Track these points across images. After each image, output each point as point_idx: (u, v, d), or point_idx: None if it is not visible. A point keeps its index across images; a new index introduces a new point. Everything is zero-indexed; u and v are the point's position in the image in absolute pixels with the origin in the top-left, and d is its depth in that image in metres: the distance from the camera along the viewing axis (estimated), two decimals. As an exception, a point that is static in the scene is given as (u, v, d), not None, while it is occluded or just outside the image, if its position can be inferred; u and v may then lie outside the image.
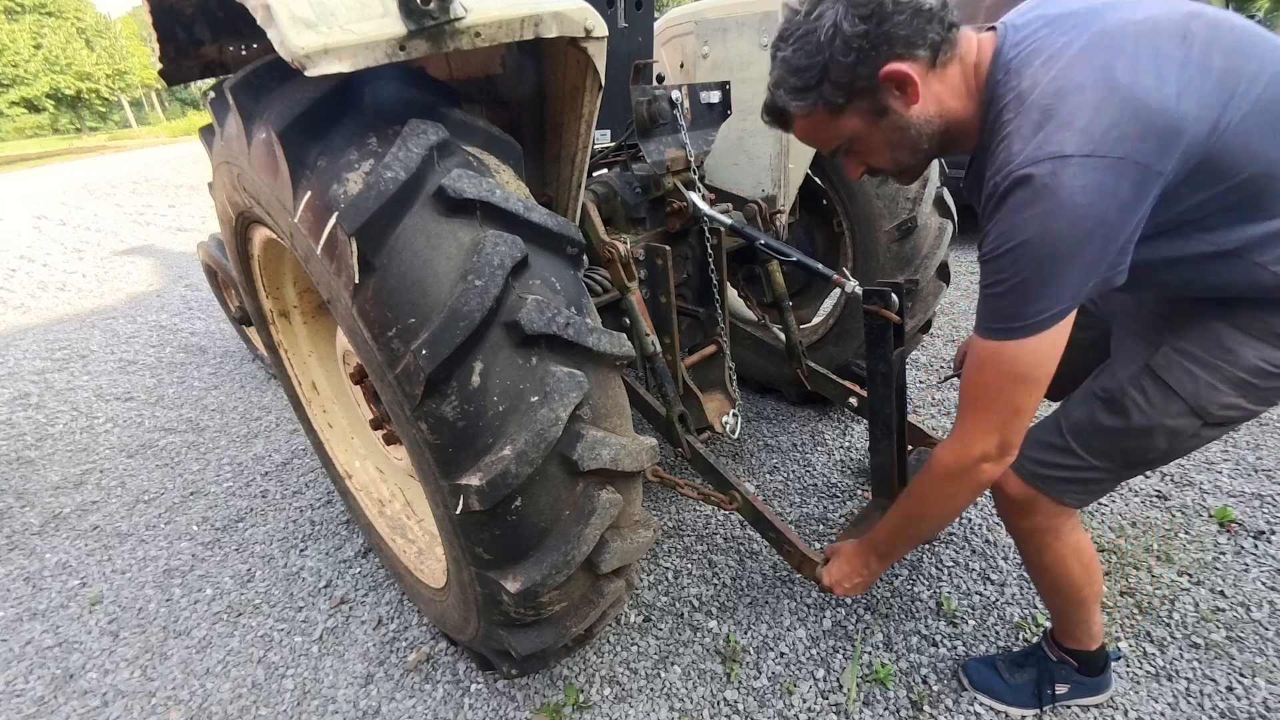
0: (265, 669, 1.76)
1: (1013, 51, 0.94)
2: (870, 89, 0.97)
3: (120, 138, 31.72)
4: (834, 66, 0.95)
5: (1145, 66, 0.83)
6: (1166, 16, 0.86)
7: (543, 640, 1.27)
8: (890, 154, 1.07)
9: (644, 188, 1.96)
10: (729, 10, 2.22)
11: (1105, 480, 1.19)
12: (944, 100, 0.99)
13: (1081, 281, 0.88)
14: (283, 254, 1.69)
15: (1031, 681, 1.46)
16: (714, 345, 2.07)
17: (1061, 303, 0.89)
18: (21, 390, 3.68)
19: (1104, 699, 1.48)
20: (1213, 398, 1.03)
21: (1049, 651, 1.47)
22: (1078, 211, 0.82)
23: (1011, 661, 1.51)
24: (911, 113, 0.99)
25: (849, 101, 0.99)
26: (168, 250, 7.03)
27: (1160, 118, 0.81)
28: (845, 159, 1.14)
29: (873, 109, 1.00)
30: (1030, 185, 0.84)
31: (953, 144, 1.05)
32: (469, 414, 1.01)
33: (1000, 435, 1.02)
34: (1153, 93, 0.81)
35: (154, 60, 1.38)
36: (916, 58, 0.94)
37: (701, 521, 2.19)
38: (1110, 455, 1.14)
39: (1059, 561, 1.29)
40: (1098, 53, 0.85)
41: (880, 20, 0.91)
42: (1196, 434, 1.07)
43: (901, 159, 1.08)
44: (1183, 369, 1.04)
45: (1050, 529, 1.26)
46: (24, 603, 2.07)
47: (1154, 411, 1.07)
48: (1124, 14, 0.87)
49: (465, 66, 1.45)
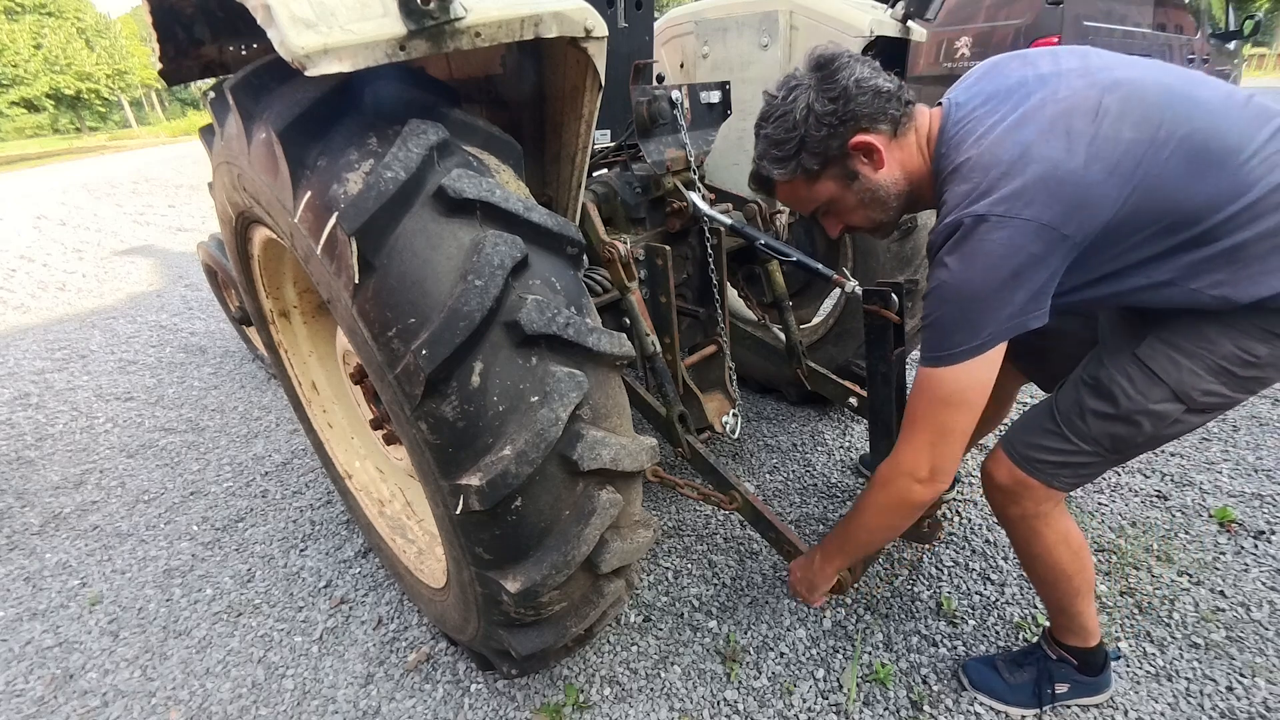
0: (265, 669, 1.76)
1: (954, 129, 1.10)
2: (842, 157, 1.15)
3: (120, 138, 31.71)
4: (809, 139, 1.13)
5: (1057, 143, 0.97)
6: (1084, 94, 1.00)
7: (543, 640, 1.27)
8: (863, 213, 1.23)
9: (644, 188, 1.96)
10: (729, 10, 2.22)
11: (1094, 464, 1.23)
12: (905, 165, 1.16)
13: (994, 322, 1.01)
14: (283, 254, 1.69)
15: (1031, 681, 1.47)
16: (714, 345, 2.07)
17: (978, 339, 1.02)
18: (21, 390, 3.68)
19: (1104, 698, 1.48)
20: (1194, 384, 1.09)
21: (1048, 650, 1.47)
22: (989, 262, 0.98)
23: (1011, 661, 1.52)
24: (879, 176, 1.16)
25: (824, 169, 1.17)
26: (168, 250, 7.03)
27: (1067, 187, 0.95)
28: (824, 219, 1.30)
29: (844, 174, 1.17)
30: (954, 239, 1.01)
31: (915, 203, 1.22)
32: (469, 414, 1.01)
33: (930, 455, 1.12)
34: (1062, 165, 0.95)
35: (154, 60, 1.38)
36: (880, 130, 1.13)
37: (701, 521, 2.19)
38: (1098, 440, 1.19)
39: (1049, 549, 1.32)
40: (1018, 130, 1.00)
41: (846, 100, 1.10)
42: (1180, 419, 1.13)
43: (874, 217, 1.23)
44: (1166, 356, 1.10)
45: (1040, 514, 1.29)
46: (24, 603, 2.07)
47: (1140, 397, 1.12)
48: (1046, 93, 1.02)
49: (465, 66, 1.45)
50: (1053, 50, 1.12)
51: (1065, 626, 1.44)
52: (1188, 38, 5.88)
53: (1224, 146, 0.97)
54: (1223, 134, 0.97)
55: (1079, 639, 1.43)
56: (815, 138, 1.13)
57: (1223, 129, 0.98)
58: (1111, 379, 1.15)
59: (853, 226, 1.28)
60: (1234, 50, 6.95)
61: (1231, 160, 0.97)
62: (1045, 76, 1.05)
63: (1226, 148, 0.97)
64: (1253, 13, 10.22)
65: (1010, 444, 1.30)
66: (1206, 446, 2.36)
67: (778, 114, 1.16)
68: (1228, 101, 1.01)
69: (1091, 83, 1.01)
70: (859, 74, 1.11)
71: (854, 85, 1.10)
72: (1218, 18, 6.78)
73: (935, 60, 5.04)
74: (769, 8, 2.10)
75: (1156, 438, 1.16)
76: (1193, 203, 0.98)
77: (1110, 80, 1.01)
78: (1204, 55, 6.19)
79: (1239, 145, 0.97)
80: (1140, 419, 1.14)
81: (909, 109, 1.15)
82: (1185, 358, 1.09)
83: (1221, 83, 1.06)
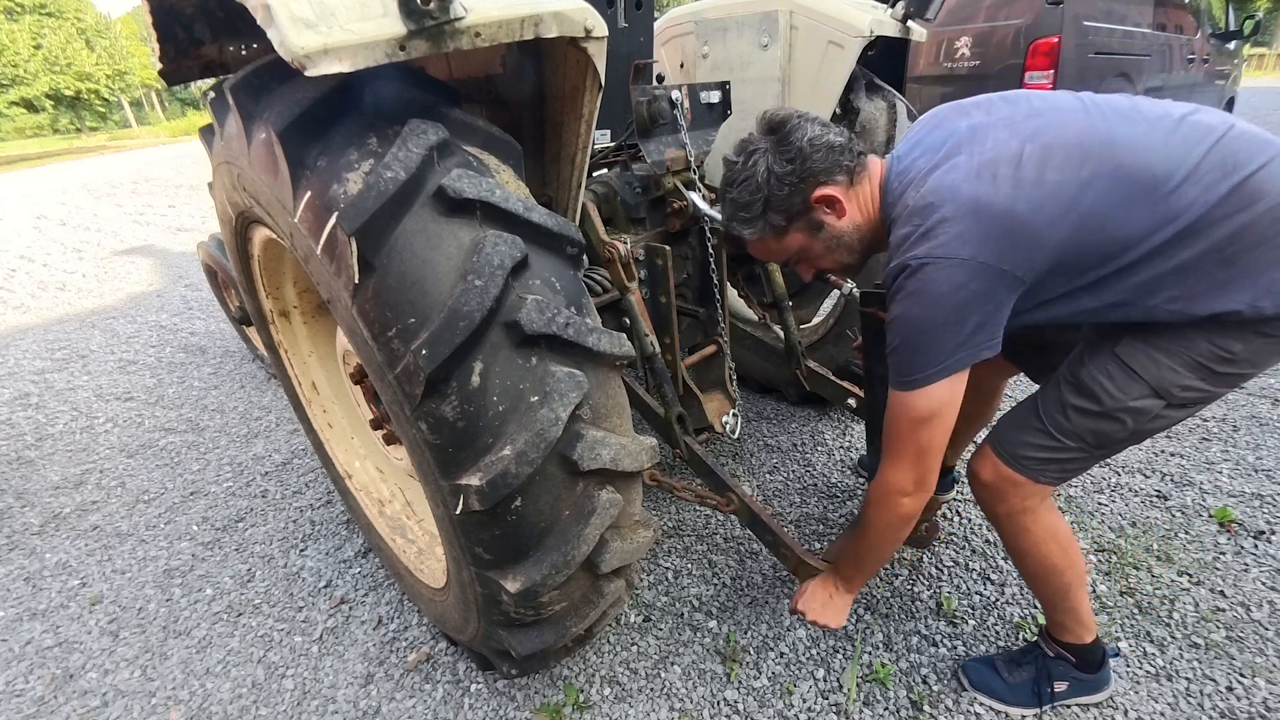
0: (265, 669, 1.76)
1: (895, 179, 1.19)
2: (806, 210, 1.23)
3: (120, 138, 31.70)
4: (774, 199, 1.21)
5: (984, 185, 1.04)
6: (1006, 144, 1.07)
7: (543, 640, 1.27)
8: (831, 257, 1.31)
9: (644, 188, 1.96)
10: (729, 10, 2.22)
11: (1078, 460, 1.25)
12: (864, 209, 1.24)
13: (946, 353, 1.08)
14: (283, 254, 1.69)
15: (1030, 680, 1.47)
16: (714, 345, 2.07)
17: (935, 366, 1.09)
18: (21, 390, 3.68)
19: (1104, 696, 1.48)
20: (1173, 380, 1.12)
21: (1046, 648, 1.48)
22: (933, 301, 1.06)
23: (1010, 661, 1.52)
24: (842, 224, 1.24)
25: (790, 223, 1.25)
26: (168, 250, 7.03)
27: (998, 224, 1.03)
28: (797, 266, 1.37)
29: (810, 226, 1.25)
30: (901, 279, 1.10)
31: (876, 244, 1.29)
32: (469, 414, 1.01)
33: (914, 471, 1.19)
34: (992, 204, 1.03)
35: (154, 60, 1.38)
36: (837, 181, 1.21)
37: (701, 522, 2.19)
38: (1082, 436, 1.22)
39: (1037, 544, 1.34)
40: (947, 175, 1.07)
41: (803, 160, 1.18)
42: (1160, 415, 1.16)
43: (841, 260, 1.31)
44: (1145, 354, 1.14)
45: (1027, 510, 1.32)
46: (24, 603, 2.07)
47: (1120, 394, 1.16)
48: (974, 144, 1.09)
49: (465, 66, 1.45)
50: (988, 99, 1.20)
51: (1060, 623, 1.45)
52: (1188, 38, 5.88)
53: (1151, 176, 1.02)
54: (1148, 165, 1.03)
55: (1074, 635, 1.44)
56: (779, 197, 1.21)
57: (1147, 161, 1.03)
58: (1092, 377, 1.18)
59: (824, 270, 1.37)
60: (1234, 50, 6.96)
61: (1161, 188, 1.02)
62: (975, 127, 1.12)
63: (1154, 177, 1.02)
64: (1253, 13, 10.24)
65: (996, 441, 1.32)
66: (1206, 446, 2.36)
67: (740, 179, 1.23)
68: (1153, 132, 1.06)
69: (1014, 133, 1.08)
70: (811, 133, 1.19)
71: (808, 144, 1.18)
72: (1218, 18, 6.79)
73: (935, 60, 5.03)
74: (769, 8, 2.10)
75: (1138, 432, 1.20)
76: (1127, 231, 1.04)
77: (1032, 130, 1.08)
78: (1204, 55, 6.19)
79: (1167, 173, 1.02)
80: (1122, 415, 1.17)
81: (861, 159, 1.23)
82: (1164, 355, 1.12)
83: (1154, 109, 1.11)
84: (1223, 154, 1.02)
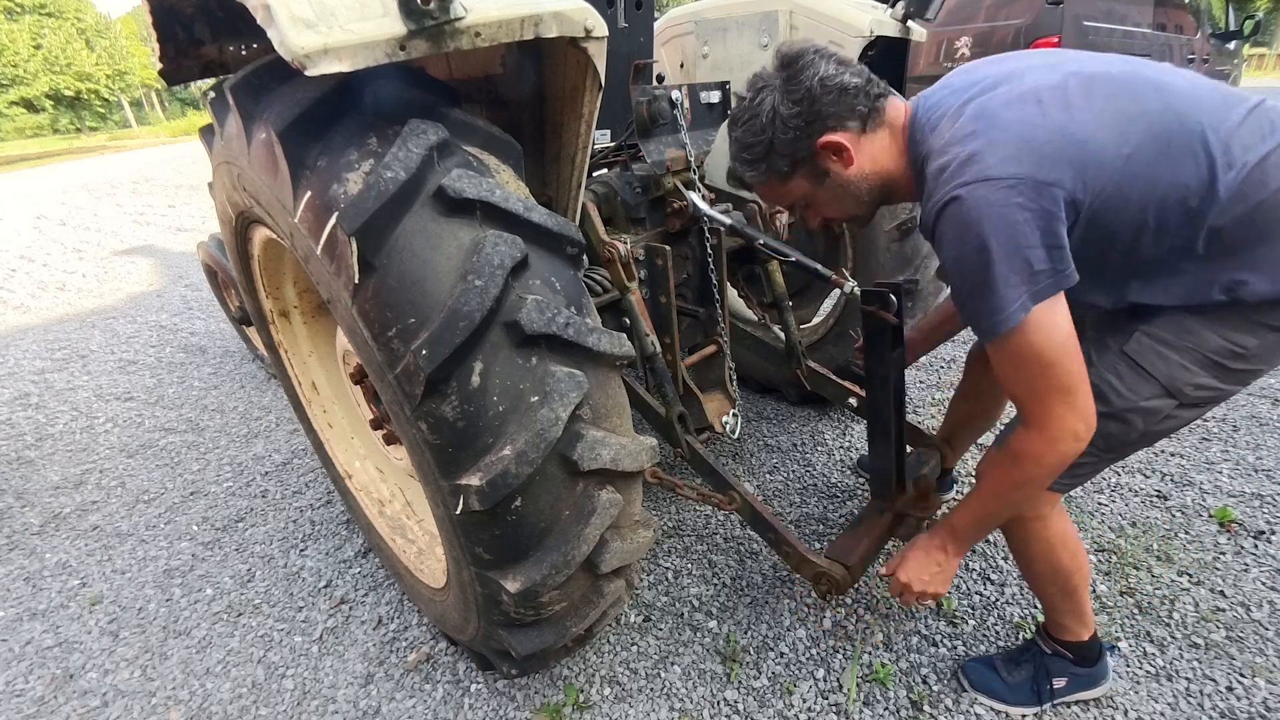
0: (265, 669, 1.76)
1: (925, 116, 1.11)
2: (810, 157, 1.16)
3: (120, 138, 31.70)
4: (778, 142, 1.14)
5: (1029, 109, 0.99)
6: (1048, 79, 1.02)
7: (543, 640, 1.27)
8: (838, 207, 1.25)
9: (644, 188, 1.96)
10: (729, 10, 2.22)
11: (1089, 464, 1.22)
12: (877, 159, 1.16)
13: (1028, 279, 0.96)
14: (283, 254, 1.69)
15: (1029, 678, 1.47)
16: (714, 345, 2.07)
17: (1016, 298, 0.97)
18: (21, 390, 3.68)
19: (1102, 691, 1.48)
20: (1185, 378, 1.09)
21: (1044, 646, 1.48)
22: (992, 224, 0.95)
23: (1008, 660, 1.52)
24: (849, 173, 1.16)
25: (794, 169, 1.18)
26: (168, 250, 7.03)
27: (1047, 145, 0.96)
28: (802, 212, 1.31)
29: (815, 173, 1.18)
30: (947, 214, 1.00)
31: (892, 195, 1.22)
32: (469, 414, 1.01)
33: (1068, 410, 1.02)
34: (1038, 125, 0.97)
35: (154, 60, 1.38)
36: (847, 128, 1.13)
37: (701, 521, 2.19)
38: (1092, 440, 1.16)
39: (1049, 550, 1.32)
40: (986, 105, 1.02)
41: (811, 102, 1.10)
42: (1172, 414, 1.13)
43: (848, 210, 1.25)
44: (1155, 352, 1.10)
45: (1039, 516, 1.29)
46: (24, 603, 2.07)
47: (1131, 394, 1.12)
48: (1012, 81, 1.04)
49: (465, 66, 1.45)
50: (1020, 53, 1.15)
51: (1061, 623, 1.44)
52: (1188, 38, 5.88)
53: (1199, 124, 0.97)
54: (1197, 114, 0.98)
55: (1073, 633, 1.44)
56: (783, 140, 1.14)
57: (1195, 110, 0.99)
58: (1101, 378, 1.14)
59: (830, 219, 1.30)
60: (1234, 50, 6.95)
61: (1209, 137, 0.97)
62: (1010, 69, 1.07)
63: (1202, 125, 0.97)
64: (1253, 13, 10.23)
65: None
66: (1206, 446, 2.36)
67: (746, 117, 1.17)
68: (1197, 85, 1.03)
69: (1054, 70, 1.04)
70: (824, 72, 1.09)
71: (818, 85, 1.09)
72: (1218, 18, 6.78)
73: (935, 60, 5.03)
74: (769, 8, 2.10)
75: (1149, 434, 1.16)
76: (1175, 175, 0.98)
77: (1074, 67, 1.03)
78: (1204, 55, 6.18)
79: (1214, 124, 0.98)
80: (1132, 416, 1.13)
81: (879, 103, 1.14)
82: (1173, 352, 1.09)
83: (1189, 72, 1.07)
84: (1259, 120, 0.99)
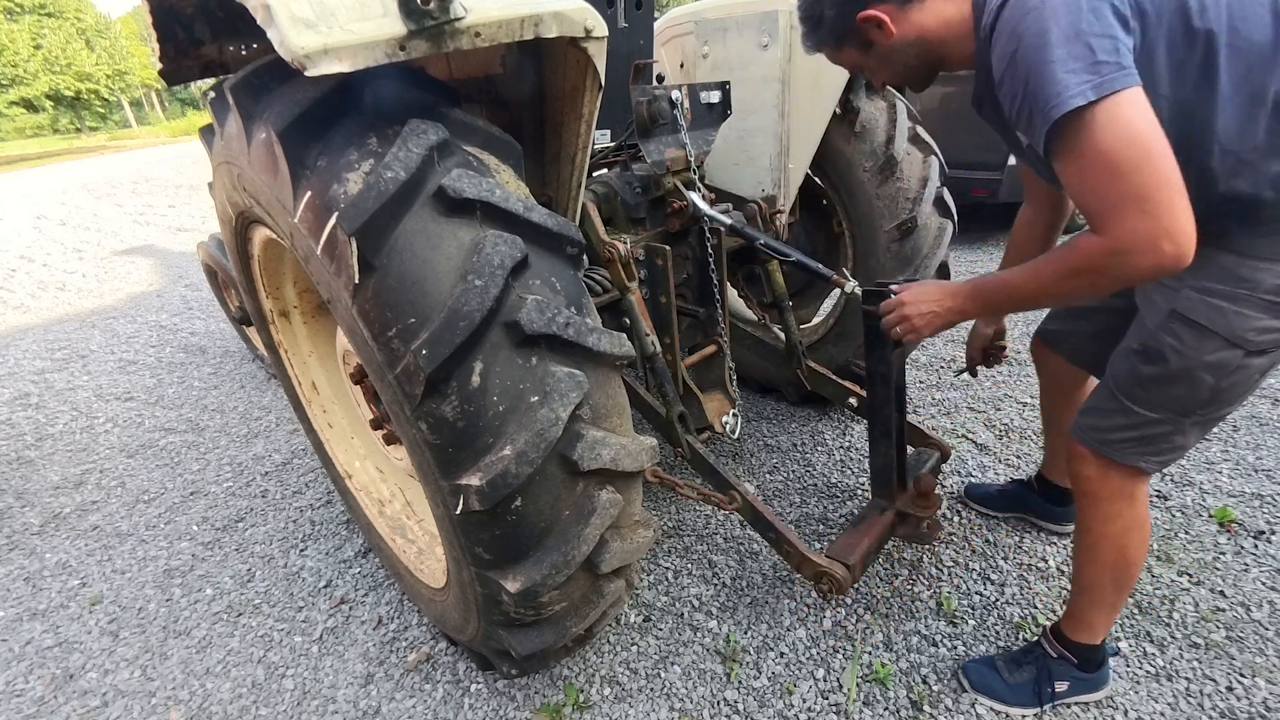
0: (265, 669, 1.76)
1: None
2: (854, 30, 1.25)
3: (120, 138, 31.72)
4: (825, 17, 1.27)
5: None
6: None
7: (543, 640, 1.27)
8: (889, 71, 1.32)
9: (644, 188, 1.96)
10: (729, 10, 2.22)
11: (1169, 434, 1.20)
12: (921, 25, 1.20)
13: (1084, 55, 0.90)
14: (283, 254, 1.69)
15: (1031, 680, 1.47)
16: (714, 345, 2.07)
17: (1080, 75, 0.89)
18: (21, 390, 3.68)
19: (1103, 695, 1.48)
20: (1245, 325, 1.06)
21: (1048, 648, 1.48)
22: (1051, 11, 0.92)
23: (1010, 661, 1.52)
24: (891, 42, 1.23)
25: (842, 41, 1.29)
26: (168, 250, 7.04)
27: None
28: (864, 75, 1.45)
29: (860, 44, 1.28)
30: (1003, 12, 0.98)
31: (944, 60, 1.25)
32: (469, 414, 1.01)
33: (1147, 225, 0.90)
34: None
35: (154, 60, 1.38)
36: (886, 2, 1.19)
37: (701, 521, 2.19)
38: (1162, 404, 1.18)
39: (1123, 534, 1.31)
40: None
41: None
42: (1243, 364, 1.10)
43: (899, 74, 1.33)
44: (1207, 305, 1.08)
45: (1123, 495, 1.29)
46: (24, 603, 2.07)
47: (1191, 351, 1.11)
48: None
49: (465, 66, 1.45)
50: None
51: (1088, 621, 1.43)
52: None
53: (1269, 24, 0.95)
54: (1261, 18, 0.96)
55: (1088, 635, 1.43)
56: (829, 17, 1.27)
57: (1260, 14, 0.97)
58: (1158, 340, 1.14)
59: (886, 81, 1.37)
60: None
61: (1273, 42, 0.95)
62: None
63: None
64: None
65: (1081, 432, 1.31)
66: (1206, 446, 2.36)
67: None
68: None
69: None
70: None
71: None
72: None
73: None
74: (769, 8, 2.10)
75: (1221, 390, 1.13)
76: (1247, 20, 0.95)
77: None
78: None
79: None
80: (1199, 374, 1.12)
81: None
82: (1228, 302, 1.07)
83: None
84: None
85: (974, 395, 2.86)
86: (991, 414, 2.70)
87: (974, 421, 2.66)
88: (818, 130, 2.17)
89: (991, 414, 2.70)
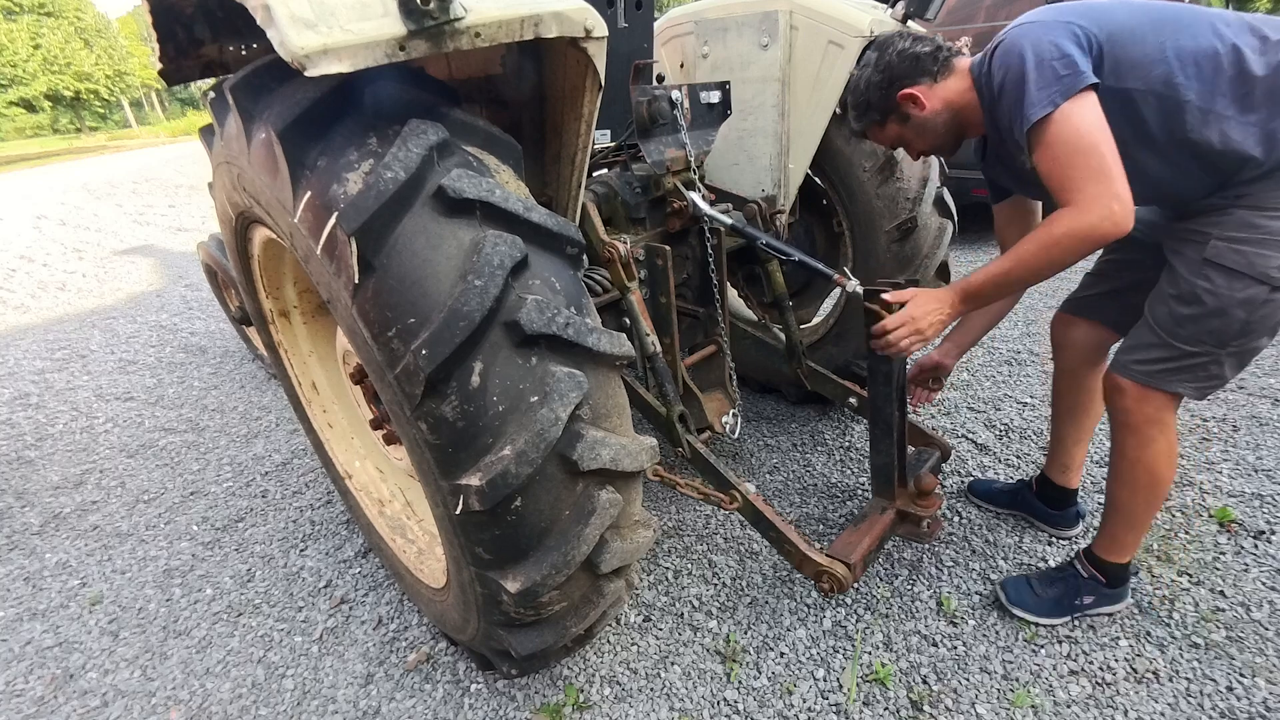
0: (265, 669, 1.76)
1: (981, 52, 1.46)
2: (894, 107, 1.53)
3: (120, 138, 31.71)
4: (872, 99, 1.55)
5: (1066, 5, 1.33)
6: None
7: (543, 640, 1.27)
8: (924, 141, 1.58)
9: (644, 188, 1.96)
10: (729, 10, 2.22)
11: (1206, 364, 1.37)
12: (948, 98, 1.49)
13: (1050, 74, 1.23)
14: (283, 254, 1.69)
15: (1060, 595, 1.67)
16: (714, 345, 2.07)
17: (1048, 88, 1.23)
18: (21, 390, 3.68)
19: (1123, 607, 1.68)
20: (1267, 264, 1.26)
21: (1080, 569, 1.67)
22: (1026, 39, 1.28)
23: (1043, 578, 1.71)
24: (925, 114, 1.51)
25: (885, 118, 1.57)
26: (168, 250, 7.04)
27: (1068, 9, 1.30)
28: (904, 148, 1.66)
29: (900, 118, 1.55)
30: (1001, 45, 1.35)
31: (964, 128, 1.53)
32: (469, 414, 1.01)
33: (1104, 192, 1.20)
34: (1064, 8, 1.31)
35: (154, 60, 1.38)
36: (920, 82, 1.49)
37: (701, 521, 2.19)
38: (1200, 338, 1.35)
39: (1157, 457, 1.47)
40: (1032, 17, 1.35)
41: (890, 70, 1.50)
42: (1269, 299, 1.29)
43: (932, 142, 1.58)
44: (1233, 251, 1.28)
45: (1159, 420, 1.44)
46: (24, 603, 2.07)
47: (1224, 292, 1.30)
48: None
49: (465, 66, 1.45)
50: None
51: (1122, 542, 1.60)
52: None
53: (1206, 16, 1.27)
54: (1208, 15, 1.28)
55: (1119, 554, 1.61)
56: (875, 99, 1.54)
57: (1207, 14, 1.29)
58: (1192, 284, 1.33)
59: (922, 151, 1.62)
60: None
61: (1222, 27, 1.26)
62: None
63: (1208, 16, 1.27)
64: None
65: (1123, 367, 1.45)
66: (1206, 446, 2.36)
67: (852, 85, 1.60)
68: None
69: None
70: (900, 47, 1.48)
71: (896, 58, 1.48)
72: (1217, 17, 6.77)
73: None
74: (769, 8, 2.10)
75: (1251, 323, 1.31)
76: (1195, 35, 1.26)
77: None
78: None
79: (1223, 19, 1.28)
80: (1232, 309, 1.30)
81: (947, 61, 1.49)
82: (1250, 245, 1.26)
83: None
84: None
85: (974, 395, 2.86)
86: (991, 414, 2.70)
87: (974, 421, 2.66)
88: (818, 130, 2.17)
89: (991, 414, 2.70)
